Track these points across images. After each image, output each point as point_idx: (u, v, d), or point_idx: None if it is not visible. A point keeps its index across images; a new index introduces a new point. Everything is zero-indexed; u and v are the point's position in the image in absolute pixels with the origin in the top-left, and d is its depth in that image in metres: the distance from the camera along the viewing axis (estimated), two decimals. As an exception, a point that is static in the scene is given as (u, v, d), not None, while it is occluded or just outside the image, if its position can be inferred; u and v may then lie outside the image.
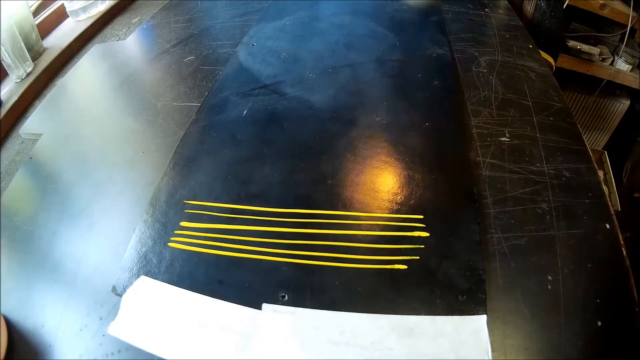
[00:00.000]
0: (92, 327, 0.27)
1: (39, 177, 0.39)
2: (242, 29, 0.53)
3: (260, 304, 0.25)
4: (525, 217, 0.28)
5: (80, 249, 0.31)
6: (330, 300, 0.25)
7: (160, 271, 0.28)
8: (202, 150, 0.37)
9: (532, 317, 0.24)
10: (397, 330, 0.23)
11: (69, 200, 0.35)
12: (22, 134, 0.46)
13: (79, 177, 0.37)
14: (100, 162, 0.38)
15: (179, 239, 0.30)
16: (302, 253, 0.28)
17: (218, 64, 0.48)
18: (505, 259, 0.26)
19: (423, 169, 0.32)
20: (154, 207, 0.32)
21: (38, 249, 0.32)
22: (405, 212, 0.29)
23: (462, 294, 0.24)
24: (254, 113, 0.39)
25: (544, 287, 0.25)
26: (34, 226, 0.34)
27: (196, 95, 0.44)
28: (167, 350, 0.24)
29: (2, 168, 0.43)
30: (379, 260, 0.27)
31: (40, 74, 0.54)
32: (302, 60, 0.45)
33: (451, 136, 0.34)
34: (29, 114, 0.49)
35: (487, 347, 0.22)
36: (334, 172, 0.33)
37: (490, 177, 0.31)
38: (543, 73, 0.39)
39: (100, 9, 0.65)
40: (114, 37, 0.62)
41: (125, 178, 0.36)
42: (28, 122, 0.47)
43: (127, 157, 0.38)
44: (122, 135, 0.41)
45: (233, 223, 0.30)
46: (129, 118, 0.43)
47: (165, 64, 0.50)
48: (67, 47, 0.58)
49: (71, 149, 0.41)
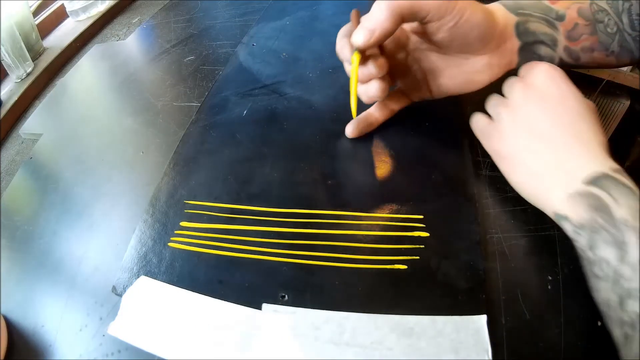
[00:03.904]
0: (92, 327, 0.27)
1: (39, 177, 0.39)
2: (242, 29, 0.53)
3: (260, 304, 0.25)
4: (525, 217, 0.28)
5: (80, 249, 0.31)
6: (330, 300, 0.25)
7: (160, 271, 0.28)
8: (202, 150, 0.37)
9: (532, 317, 0.24)
10: (397, 330, 0.23)
11: (69, 200, 0.35)
12: (22, 134, 0.46)
13: (79, 177, 0.37)
14: (100, 162, 0.38)
15: (179, 239, 0.30)
16: (302, 253, 0.28)
17: (218, 64, 0.48)
18: (505, 259, 0.26)
19: (423, 169, 0.32)
20: (154, 207, 0.32)
21: (38, 249, 0.32)
22: (405, 212, 0.29)
23: (462, 294, 0.24)
24: (254, 113, 0.39)
25: (544, 287, 0.25)
26: (34, 226, 0.34)
27: (196, 95, 0.44)
28: (167, 350, 0.24)
29: (2, 168, 0.43)
30: (379, 260, 0.27)
31: (40, 74, 0.54)
32: (302, 60, 0.45)
33: (451, 136, 0.34)
34: (29, 114, 0.49)
35: (487, 347, 0.22)
36: (334, 172, 0.33)
37: (490, 177, 0.31)
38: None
39: (100, 9, 0.65)
40: (114, 37, 0.62)
41: (125, 178, 0.36)
42: (28, 122, 0.47)
43: (127, 157, 0.38)
44: (122, 135, 0.41)
45: (233, 223, 0.30)
46: (129, 118, 0.43)
47: (165, 64, 0.50)
48: (67, 47, 0.58)
49: (71, 149, 0.41)
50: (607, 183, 0.22)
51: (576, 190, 0.23)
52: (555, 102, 0.26)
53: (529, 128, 0.26)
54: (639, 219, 0.20)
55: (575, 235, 0.23)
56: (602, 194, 0.22)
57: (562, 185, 0.24)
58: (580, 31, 0.28)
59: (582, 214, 0.22)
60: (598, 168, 0.23)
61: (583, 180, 0.23)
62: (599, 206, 0.22)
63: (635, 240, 0.20)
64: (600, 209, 0.22)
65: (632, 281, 0.20)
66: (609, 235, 0.21)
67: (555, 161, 0.25)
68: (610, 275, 0.21)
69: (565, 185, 0.24)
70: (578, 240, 0.23)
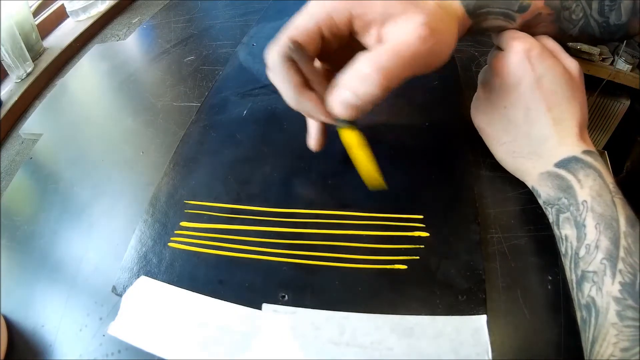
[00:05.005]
0: (92, 327, 0.27)
1: (39, 177, 0.39)
2: (242, 29, 0.53)
3: (260, 304, 0.25)
4: (525, 217, 0.28)
5: (80, 249, 0.31)
6: (330, 300, 0.25)
7: (160, 271, 0.28)
8: (202, 150, 0.37)
9: (532, 317, 0.24)
10: (397, 330, 0.23)
11: (69, 200, 0.35)
12: (22, 134, 0.46)
13: (79, 177, 0.37)
14: (100, 162, 0.38)
15: (179, 239, 0.30)
16: (302, 253, 0.28)
17: (218, 64, 0.48)
18: (505, 259, 0.26)
19: (423, 169, 0.32)
20: (154, 207, 0.32)
21: (38, 249, 0.32)
22: (405, 212, 0.29)
23: (462, 294, 0.24)
24: (254, 113, 0.39)
25: (544, 287, 0.25)
26: (34, 226, 0.34)
27: (196, 95, 0.44)
28: (167, 350, 0.24)
29: (2, 168, 0.43)
30: (379, 260, 0.27)
31: (40, 74, 0.54)
32: (302, 60, 0.45)
33: (451, 136, 0.34)
34: (29, 114, 0.49)
35: (487, 347, 0.22)
36: (334, 172, 0.33)
37: (490, 177, 0.31)
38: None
39: (100, 9, 0.65)
40: (114, 37, 0.62)
41: (125, 178, 0.36)
42: (28, 122, 0.47)
43: (127, 157, 0.38)
44: (122, 135, 0.41)
45: (233, 223, 0.30)
46: (129, 118, 0.43)
47: (165, 64, 0.50)
48: (67, 47, 0.58)
49: (71, 149, 0.41)
50: (575, 166, 0.23)
51: (547, 170, 0.25)
52: (530, 87, 0.25)
53: (505, 112, 0.27)
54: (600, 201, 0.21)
55: (545, 210, 0.25)
56: (568, 176, 0.23)
57: (536, 165, 0.26)
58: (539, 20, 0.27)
59: (550, 192, 0.24)
60: (569, 152, 0.24)
61: (554, 163, 0.24)
62: (565, 187, 0.23)
63: (592, 222, 0.21)
64: (565, 190, 0.23)
65: (588, 263, 0.20)
66: (571, 214, 0.22)
67: (529, 146, 0.26)
68: (571, 255, 0.22)
69: (539, 166, 0.25)
70: (548, 216, 0.25)
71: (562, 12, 0.27)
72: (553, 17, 0.27)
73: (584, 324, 0.20)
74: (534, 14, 0.27)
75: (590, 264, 0.20)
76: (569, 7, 0.27)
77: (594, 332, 0.19)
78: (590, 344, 0.20)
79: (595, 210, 0.21)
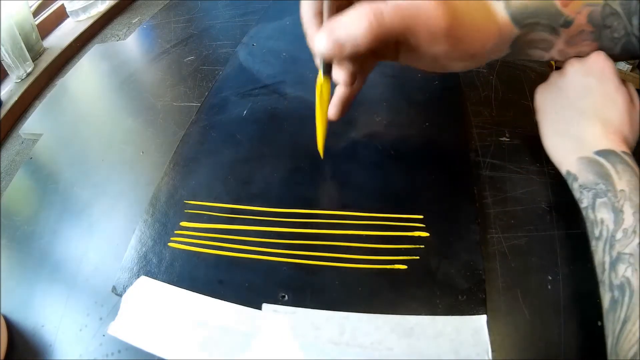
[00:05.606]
0: (92, 327, 0.27)
1: (39, 177, 0.39)
2: (242, 29, 0.53)
3: (260, 304, 0.25)
4: (525, 217, 0.28)
5: (80, 249, 0.31)
6: (330, 300, 0.25)
7: (160, 271, 0.28)
8: (202, 150, 0.37)
9: (532, 317, 0.24)
10: (397, 330, 0.23)
11: (69, 200, 0.35)
12: (22, 134, 0.46)
13: (79, 177, 0.37)
14: (100, 162, 0.38)
15: (179, 239, 0.30)
16: (302, 253, 0.28)
17: (218, 64, 0.48)
18: (505, 259, 0.26)
19: (423, 169, 0.32)
20: (154, 207, 0.32)
21: (38, 249, 0.32)
22: (405, 212, 0.29)
23: (462, 294, 0.24)
24: (254, 113, 0.39)
25: (544, 287, 0.25)
26: (34, 226, 0.34)
27: (196, 95, 0.44)
28: (167, 350, 0.24)
29: (2, 168, 0.43)
30: (379, 260, 0.27)
31: (40, 74, 0.54)
32: (302, 60, 0.45)
33: (451, 136, 0.34)
34: (29, 114, 0.49)
35: (487, 347, 0.22)
36: (334, 172, 0.33)
37: (490, 177, 0.31)
38: (543, 73, 0.39)
39: (100, 9, 0.65)
40: (114, 37, 0.62)
41: (125, 178, 0.36)
42: (28, 122, 0.47)
43: (127, 157, 0.38)
44: (122, 135, 0.41)
45: (233, 223, 0.30)
46: (129, 118, 0.43)
47: (165, 64, 0.50)
48: (67, 47, 0.58)
49: (71, 149, 0.41)
50: (614, 159, 0.25)
51: (587, 155, 0.26)
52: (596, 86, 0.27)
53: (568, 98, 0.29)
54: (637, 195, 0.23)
55: (579, 194, 0.25)
56: (608, 165, 0.24)
57: (577, 150, 0.27)
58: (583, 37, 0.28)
59: (588, 176, 0.25)
60: (610, 146, 0.25)
61: (595, 151, 0.25)
62: (603, 174, 0.24)
63: (630, 210, 0.22)
64: (604, 176, 0.24)
65: (624, 246, 0.22)
66: (609, 200, 0.23)
67: (577, 131, 0.27)
68: (606, 237, 0.23)
69: (580, 150, 0.26)
70: (582, 200, 0.25)
71: (604, 31, 0.28)
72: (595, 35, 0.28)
73: (615, 304, 0.21)
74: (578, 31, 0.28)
75: (627, 246, 0.21)
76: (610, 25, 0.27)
77: (626, 311, 0.20)
78: (621, 323, 0.20)
79: (632, 200, 0.22)
